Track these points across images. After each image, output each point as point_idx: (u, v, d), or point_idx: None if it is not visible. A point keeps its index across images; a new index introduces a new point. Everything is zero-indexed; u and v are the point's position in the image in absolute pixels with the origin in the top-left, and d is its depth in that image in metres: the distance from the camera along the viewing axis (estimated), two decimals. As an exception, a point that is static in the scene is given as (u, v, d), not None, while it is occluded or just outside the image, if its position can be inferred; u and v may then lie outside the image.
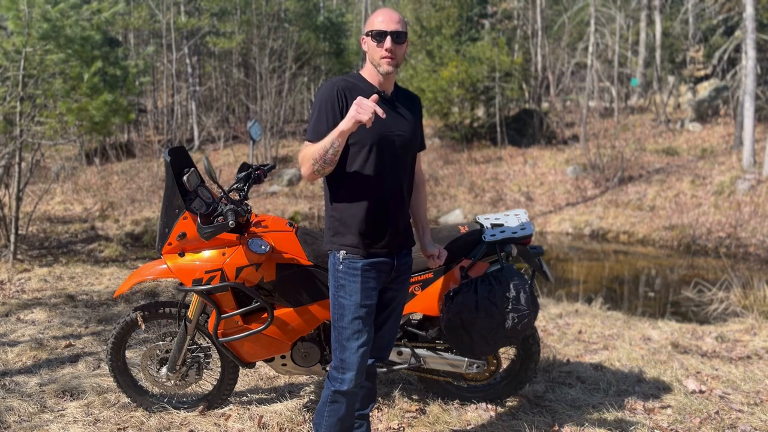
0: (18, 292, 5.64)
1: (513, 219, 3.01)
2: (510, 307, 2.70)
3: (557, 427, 3.02)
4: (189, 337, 2.99)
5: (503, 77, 19.24)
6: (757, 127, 15.14)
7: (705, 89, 20.41)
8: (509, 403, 3.28)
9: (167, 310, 3.05)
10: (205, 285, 2.77)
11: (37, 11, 6.86)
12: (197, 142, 21.50)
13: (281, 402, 3.22)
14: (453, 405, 3.23)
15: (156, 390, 3.20)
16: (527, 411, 3.19)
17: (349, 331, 2.28)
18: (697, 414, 3.19)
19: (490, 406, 3.22)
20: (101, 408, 3.17)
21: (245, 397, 3.31)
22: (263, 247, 2.76)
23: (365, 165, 2.23)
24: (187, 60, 22.57)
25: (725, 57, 20.18)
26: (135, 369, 3.38)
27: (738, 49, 18.89)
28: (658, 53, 23.15)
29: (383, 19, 2.19)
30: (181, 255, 2.81)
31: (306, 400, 3.27)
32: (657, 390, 3.52)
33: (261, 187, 16.25)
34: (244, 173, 2.95)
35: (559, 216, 13.47)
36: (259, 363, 3.52)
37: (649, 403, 3.32)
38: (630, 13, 24.43)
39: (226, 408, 3.15)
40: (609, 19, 23.84)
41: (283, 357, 2.97)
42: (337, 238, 2.31)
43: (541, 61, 22.16)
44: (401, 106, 2.34)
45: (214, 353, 3.15)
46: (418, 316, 3.18)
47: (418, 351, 3.03)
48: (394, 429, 3.00)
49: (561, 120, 20.57)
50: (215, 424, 3.00)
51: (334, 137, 2.07)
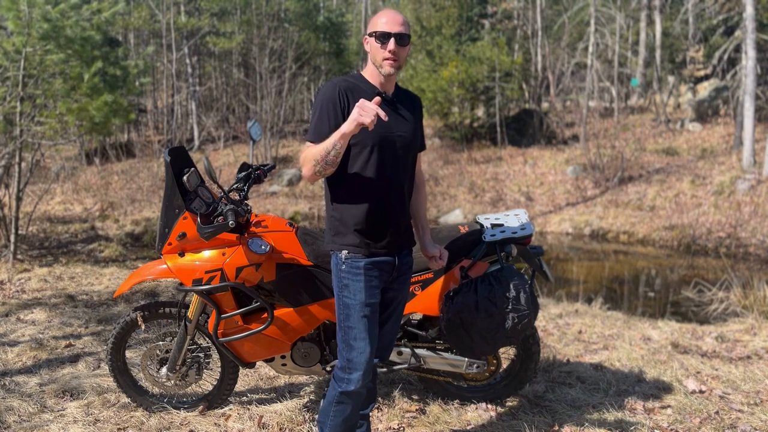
0: (18, 292, 5.65)
1: (513, 219, 3.01)
2: (510, 307, 2.70)
3: (557, 427, 3.02)
4: (189, 337, 3.00)
5: (503, 77, 19.24)
6: (757, 127, 15.14)
7: (705, 89, 20.41)
8: (509, 403, 3.28)
9: (167, 310, 3.05)
10: (205, 285, 2.77)
11: (38, 11, 6.87)
12: (197, 142, 21.50)
13: (281, 402, 3.22)
14: (453, 405, 3.23)
15: (156, 390, 3.20)
16: (527, 411, 3.19)
17: (356, 331, 2.28)
18: (697, 414, 3.19)
19: (490, 406, 3.22)
20: (101, 408, 3.17)
21: (245, 397, 3.31)
22: (263, 247, 2.76)
23: (366, 166, 2.24)
24: (187, 60, 22.57)
25: (725, 57, 20.18)
26: (135, 369, 3.38)
27: (738, 49, 18.89)
28: (658, 53, 23.15)
29: (387, 21, 2.18)
30: (181, 255, 2.81)
31: (306, 400, 3.27)
32: (657, 390, 3.52)
33: (261, 187, 16.26)
34: (244, 173, 2.95)
35: (559, 216, 13.47)
36: (259, 363, 3.52)
37: (649, 403, 3.32)
38: (630, 13, 24.42)
39: (226, 408, 3.15)
40: (609, 19, 23.83)
41: (283, 357, 2.97)
42: (339, 238, 2.31)
43: (541, 61, 22.16)
44: (402, 106, 2.35)
45: (214, 353, 3.15)
46: (418, 316, 3.18)
47: (418, 351, 3.03)
48: (394, 429, 3.00)
49: (561, 120, 20.56)
50: (215, 424, 3.00)
51: (335, 139, 2.07)
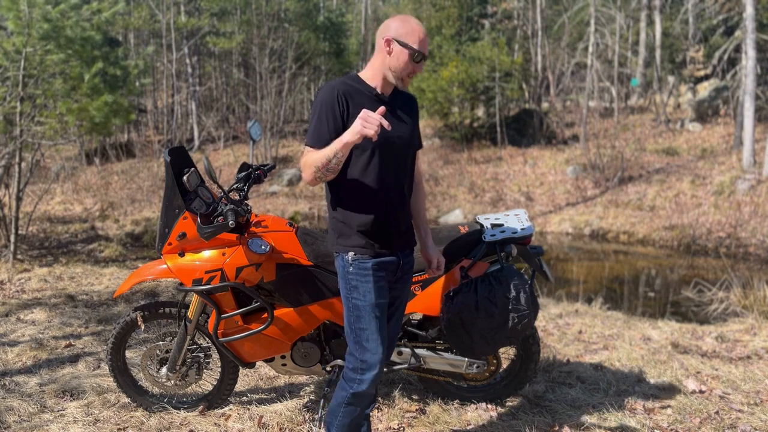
0: (18, 292, 5.65)
1: (513, 219, 3.01)
2: (510, 307, 2.70)
3: (557, 427, 3.02)
4: (189, 337, 3.00)
5: (503, 77, 19.25)
6: (757, 127, 15.14)
7: (705, 89, 20.41)
8: (509, 403, 3.28)
9: (167, 310, 3.05)
10: (205, 285, 2.77)
11: (38, 11, 6.87)
12: (197, 142, 21.50)
13: (281, 402, 3.22)
14: (453, 405, 3.23)
15: (156, 390, 3.20)
16: (527, 411, 3.19)
17: (368, 332, 2.28)
18: (697, 414, 3.19)
19: (490, 406, 3.22)
20: (101, 408, 3.17)
21: (245, 397, 3.31)
22: (263, 247, 2.76)
23: (368, 168, 2.24)
24: (187, 60, 22.57)
25: (725, 57, 20.18)
26: (135, 369, 3.38)
27: (738, 49, 18.88)
28: (658, 53, 23.15)
29: (423, 40, 2.22)
30: (181, 255, 2.81)
31: (306, 400, 3.27)
32: (657, 390, 3.52)
33: (261, 187, 16.26)
34: (244, 173, 2.95)
35: (559, 216, 13.47)
36: (259, 363, 3.52)
37: (649, 403, 3.32)
38: (630, 13, 24.42)
39: (226, 408, 3.15)
40: (609, 19, 23.83)
41: (283, 357, 2.97)
42: (343, 239, 2.31)
43: (541, 61, 22.16)
44: (400, 108, 2.36)
45: (214, 353, 3.15)
46: (418, 316, 3.18)
47: (418, 351, 3.03)
48: (394, 429, 3.00)
49: (561, 120, 20.56)
50: (215, 424, 3.00)
51: (337, 148, 2.07)
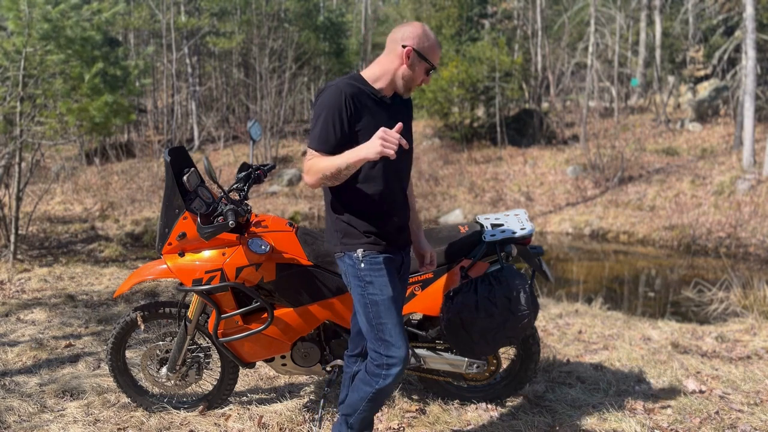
0: (18, 292, 5.65)
1: (513, 219, 3.01)
2: (510, 307, 2.70)
3: (557, 427, 3.02)
4: (189, 337, 2.99)
5: (503, 77, 19.25)
6: (757, 127, 15.14)
7: (705, 89, 20.40)
8: (509, 403, 3.28)
9: (167, 310, 3.05)
10: (205, 285, 2.77)
11: (38, 12, 6.87)
12: (197, 142, 21.50)
13: (281, 402, 3.22)
14: (453, 405, 3.23)
15: (156, 390, 3.20)
16: (527, 411, 3.19)
17: (390, 326, 2.27)
18: (697, 414, 3.19)
19: (490, 406, 3.22)
20: (101, 408, 3.17)
21: (245, 397, 3.31)
22: (263, 247, 2.76)
23: (371, 172, 2.27)
24: (187, 60, 22.57)
25: (725, 57, 20.18)
26: (135, 369, 3.38)
27: (738, 49, 18.88)
28: (658, 53, 23.14)
29: (437, 54, 2.29)
30: (181, 255, 2.81)
31: (306, 400, 3.27)
32: (657, 390, 3.52)
33: (261, 187, 16.26)
34: (244, 173, 2.95)
35: (559, 216, 13.47)
36: (259, 363, 3.52)
37: (649, 403, 3.32)
38: (630, 13, 24.41)
39: (226, 408, 3.15)
40: (609, 19, 23.82)
41: (283, 357, 2.97)
42: (348, 239, 2.31)
43: (541, 61, 22.16)
44: (400, 110, 2.39)
45: (214, 353, 3.15)
46: (418, 316, 3.18)
47: (418, 351, 3.03)
48: (394, 429, 3.00)
49: (561, 120, 20.56)
50: (215, 424, 3.00)
51: (351, 162, 2.06)
